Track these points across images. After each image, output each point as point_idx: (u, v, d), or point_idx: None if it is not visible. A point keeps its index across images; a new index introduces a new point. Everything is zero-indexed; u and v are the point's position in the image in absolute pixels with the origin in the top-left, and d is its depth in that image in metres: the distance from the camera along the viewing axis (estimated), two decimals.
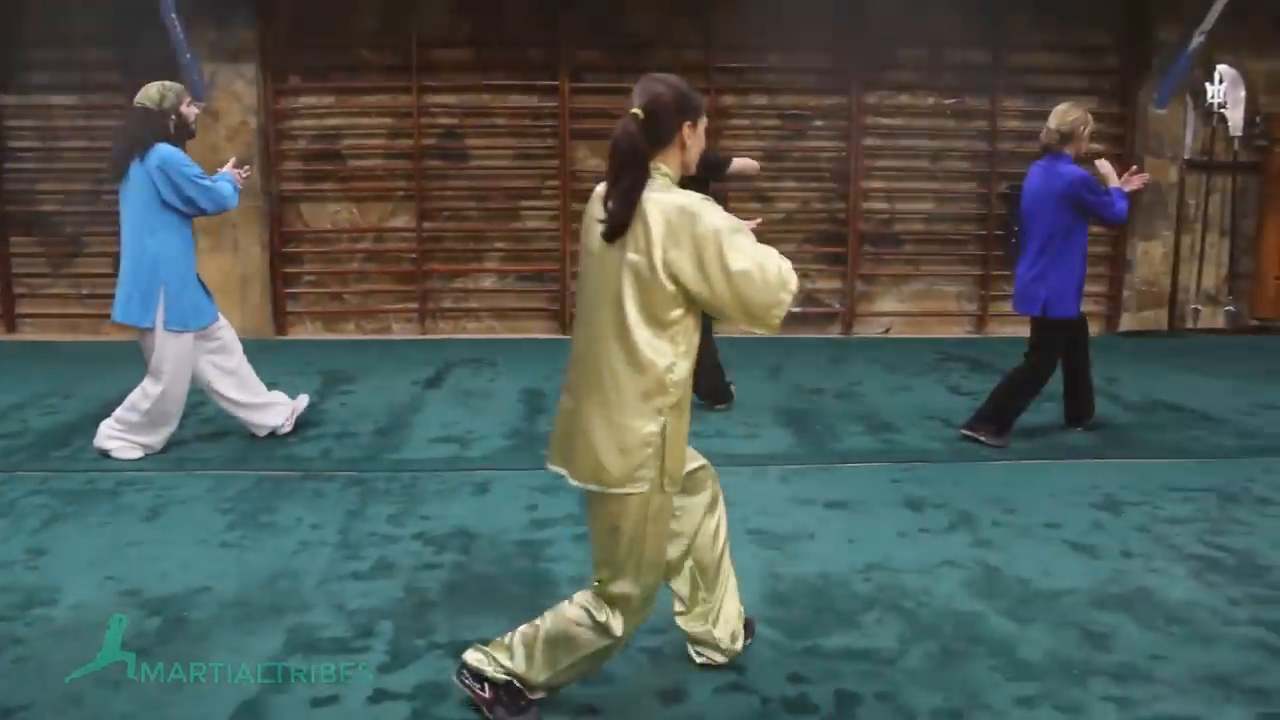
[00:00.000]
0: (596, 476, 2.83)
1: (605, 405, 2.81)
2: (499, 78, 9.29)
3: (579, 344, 2.92)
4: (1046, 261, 5.84)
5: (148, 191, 5.34)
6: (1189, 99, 9.71)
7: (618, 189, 2.77)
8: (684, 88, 2.89)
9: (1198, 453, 6.00)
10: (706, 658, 3.38)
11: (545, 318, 9.55)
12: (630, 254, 2.76)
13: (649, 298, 2.77)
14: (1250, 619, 3.86)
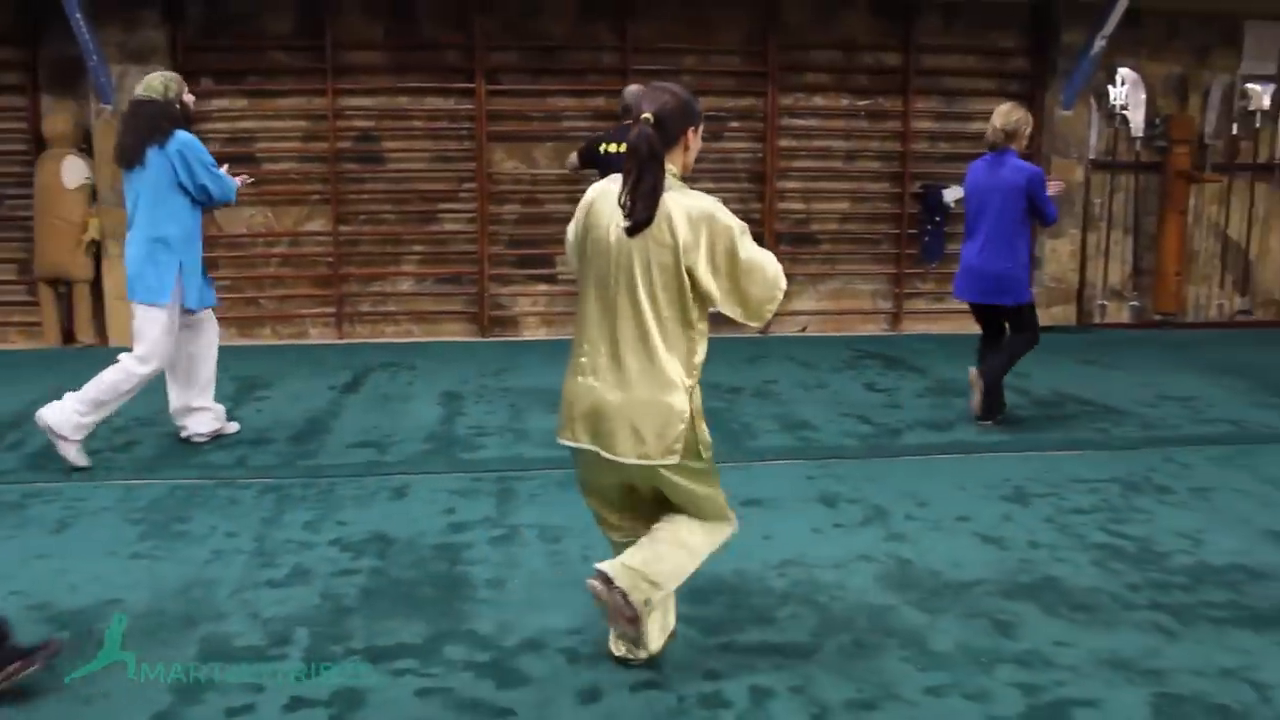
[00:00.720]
0: (639, 452, 3.11)
1: (637, 387, 3.11)
2: (415, 80, 9.24)
3: (598, 331, 3.16)
4: (1008, 252, 6.20)
5: (167, 175, 5.47)
6: (1093, 101, 9.97)
7: (640, 189, 3.04)
8: (687, 95, 3.19)
9: (1103, 444, 6.17)
10: (628, 650, 3.40)
11: (464, 320, 9.51)
12: (656, 246, 3.07)
13: (674, 287, 3.09)
14: (1149, 603, 3.99)
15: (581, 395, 3.19)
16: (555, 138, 9.38)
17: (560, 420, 3.28)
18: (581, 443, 3.21)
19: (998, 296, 6.28)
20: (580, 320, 3.26)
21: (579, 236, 3.27)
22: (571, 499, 5.01)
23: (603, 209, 3.18)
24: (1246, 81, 10.23)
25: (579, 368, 3.21)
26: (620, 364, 3.13)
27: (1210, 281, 10.65)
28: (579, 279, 3.30)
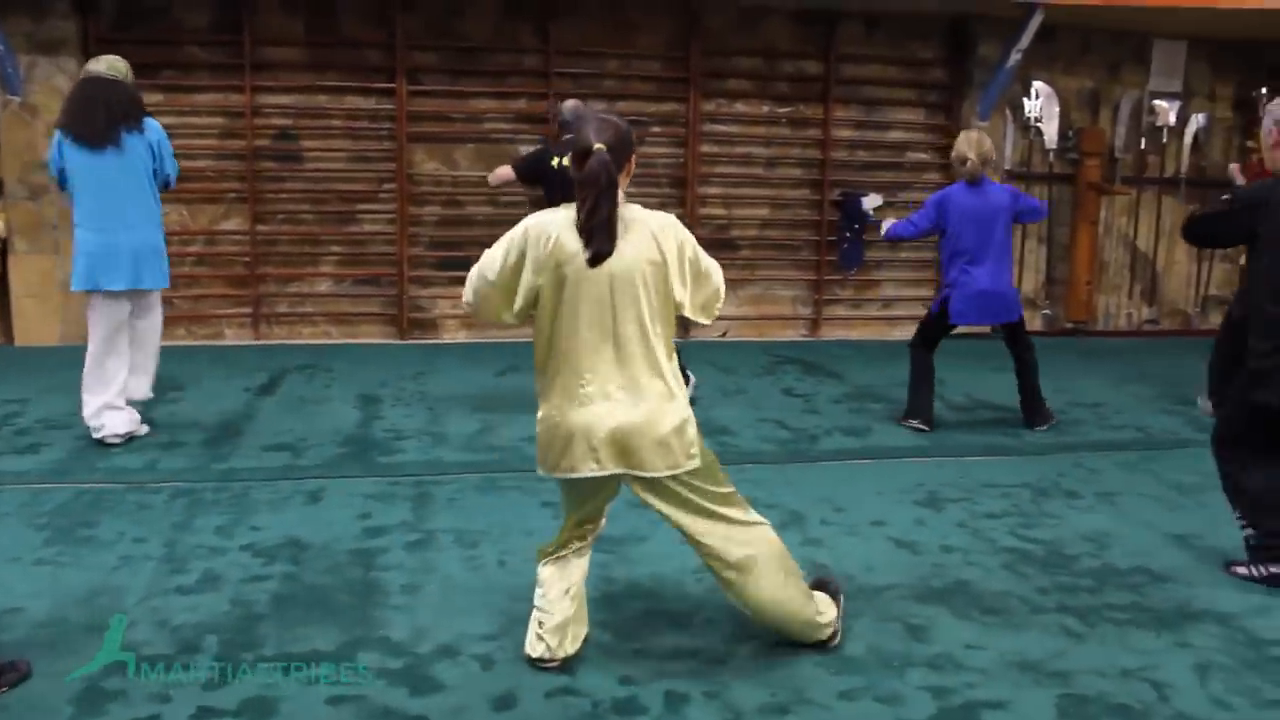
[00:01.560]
0: (669, 463, 3.23)
1: (651, 401, 3.22)
2: (335, 79, 9.14)
3: (597, 356, 3.21)
4: (1009, 273, 6.59)
5: (146, 160, 5.52)
6: (1008, 113, 10.17)
7: (596, 218, 3.12)
8: (626, 124, 3.31)
9: (1015, 450, 6.30)
10: (546, 647, 3.40)
11: (382, 322, 9.42)
12: (649, 266, 3.20)
13: (665, 302, 3.26)
14: (1056, 606, 4.08)
15: (598, 423, 3.20)
16: (477, 140, 9.33)
17: (570, 454, 3.24)
18: (608, 469, 3.23)
19: (1007, 315, 6.60)
20: (568, 351, 3.24)
21: (548, 269, 3.20)
22: (490, 503, 5.04)
23: (569, 240, 3.18)
24: (1154, 98, 10.51)
25: (584, 398, 3.22)
26: (634, 383, 3.22)
27: (1120, 291, 10.92)
28: (551, 310, 3.24)
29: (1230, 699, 3.42)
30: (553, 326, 3.25)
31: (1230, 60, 10.74)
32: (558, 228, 3.21)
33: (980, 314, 6.55)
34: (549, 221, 3.24)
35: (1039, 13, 8.81)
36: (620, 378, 3.22)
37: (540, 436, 3.32)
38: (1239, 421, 4.43)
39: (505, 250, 3.26)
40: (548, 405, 3.30)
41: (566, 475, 3.28)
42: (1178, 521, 5.12)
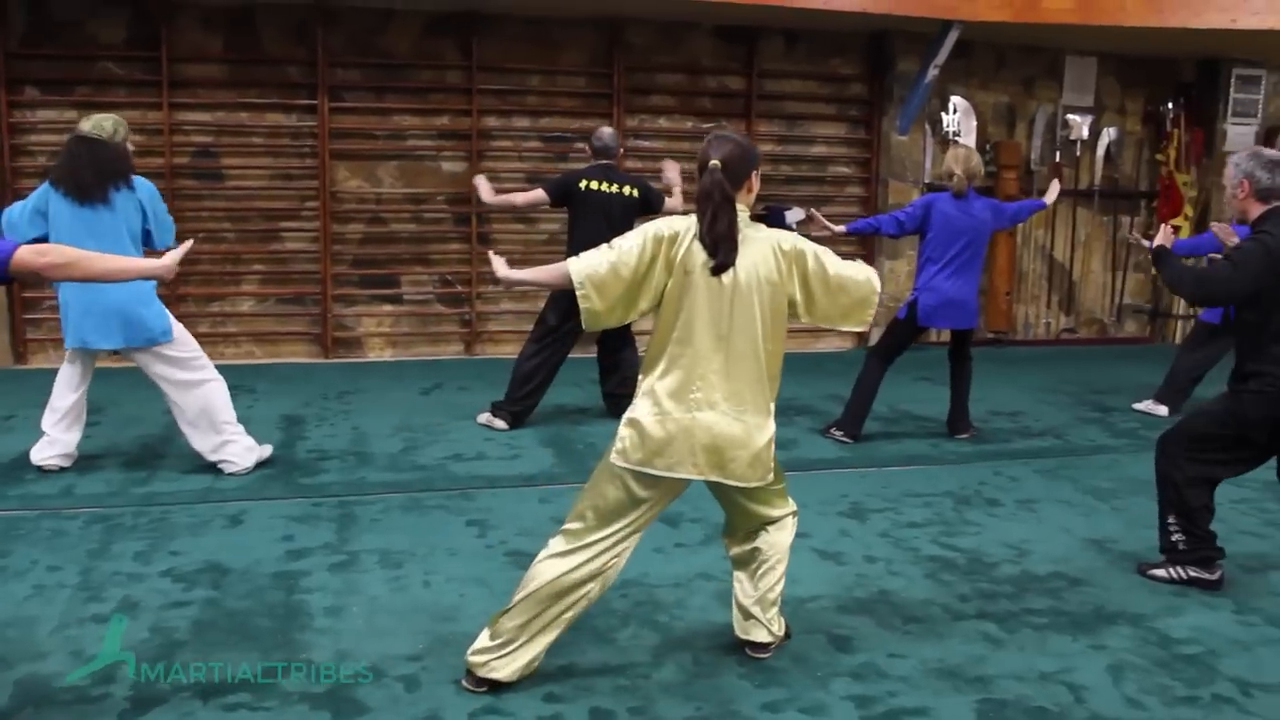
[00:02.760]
0: (763, 476, 3.42)
1: (751, 416, 3.37)
2: (256, 95, 9.03)
3: (708, 365, 3.32)
4: (974, 285, 6.76)
5: (136, 218, 5.48)
6: (927, 127, 10.34)
7: (717, 230, 3.26)
8: (748, 142, 3.47)
9: (937, 459, 6.40)
10: (489, 669, 3.39)
11: (307, 341, 9.31)
12: (766, 284, 3.32)
13: (779, 321, 3.40)
14: (977, 613, 4.16)
15: (702, 428, 3.31)
16: (400, 156, 9.28)
17: (669, 453, 3.31)
18: (705, 475, 3.35)
19: (970, 321, 6.81)
20: (682, 355, 3.34)
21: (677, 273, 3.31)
22: (414, 524, 5.01)
23: (694, 252, 3.30)
24: (1068, 112, 10.75)
25: (693, 403, 3.33)
26: (738, 395, 3.34)
27: (1038, 301, 11.13)
28: (673, 313, 3.34)
29: (1142, 698, 3.51)
30: (672, 329, 3.35)
31: (1139, 75, 11.02)
32: (690, 233, 3.34)
33: (946, 319, 6.69)
34: (680, 227, 3.35)
35: (955, 29, 8.96)
36: (728, 388, 3.34)
37: (639, 429, 3.33)
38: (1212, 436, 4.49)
39: (640, 247, 3.33)
40: (654, 402, 3.35)
41: (663, 473, 3.33)
42: (1094, 527, 5.24)
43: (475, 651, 3.41)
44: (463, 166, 9.34)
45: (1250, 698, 3.54)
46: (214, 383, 5.66)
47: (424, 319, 9.61)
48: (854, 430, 6.68)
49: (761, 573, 3.66)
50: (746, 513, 3.62)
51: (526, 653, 3.39)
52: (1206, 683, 3.64)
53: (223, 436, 5.68)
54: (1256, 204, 4.39)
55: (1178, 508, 4.48)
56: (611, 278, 3.31)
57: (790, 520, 3.73)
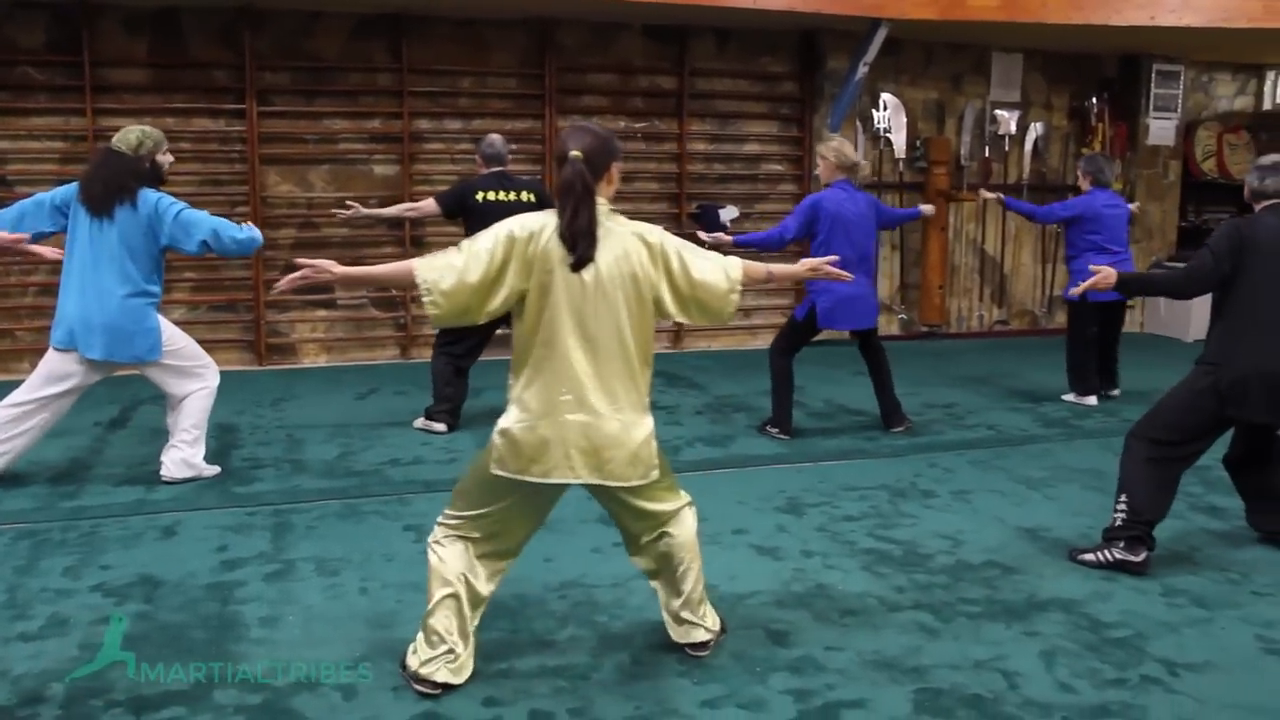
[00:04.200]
0: (644, 474, 3.36)
1: (627, 412, 3.30)
2: (182, 100, 8.89)
3: (579, 366, 3.24)
4: (871, 279, 6.76)
5: (140, 233, 5.39)
6: (859, 124, 10.43)
7: (578, 225, 3.18)
8: (607, 133, 3.39)
9: (872, 453, 6.46)
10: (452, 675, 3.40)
11: (239, 349, 9.20)
12: (628, 278, 3.26)
13: (645, 315, 3.32)
14: (913, 604, 4.21)
15: (575, 431, 3.25)
16: (331, 160, 9.20)
17: (544, 459, 3.25)
18: (582, 478, 3.29)
19: (870, 319, 6.82)
20: (548, 357, 3.25)
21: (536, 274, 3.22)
22: (350, 531, 4.97)
23: (555, 245, 3.21)
24: (995, 108, 10.92)
25: (563, 405, 3.24)
26: (611, 393, 3.27)
27: (970, 294, 11.28)
28: (535, 316, 3.25)
29: (1073, 682, 3.58)
30: (535, 333, 3.27)
31: (1063, 72, 11.22)
32: (546, 231, 3.24)
33: (846, 319, 6.69)
34: (535, 225, 3.25)
35: (883, 27, 9.05)
36: (598, 387, 3.27)
37: (510, 438, 3.28)
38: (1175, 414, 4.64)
39: (490, 249, 3.22)
40: (522, 409, 3.29)
41: (539, 479, 3.28)
42: (1027, 515, 5.32)
43: (415, 659, 3.42)
44: (395, 170, 9.28)
45: (1177, 677, 3.62)
46: (200, 392, 5.67)
47: (359, 324, 9.53)
48: (786, 425, 6.72)
49: (679, 576, 3.62)
50: (638, 514, 3.51)
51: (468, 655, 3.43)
52: (1135, 664, 3.71)
53: (173, 439, 5.67)
54: (1254, 204, 4.76)
55: (1128, 485, 4.62)
56: (458, 283, 3.21)
57: (688, 512, 3.64)
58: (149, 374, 5.63)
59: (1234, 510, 5.36)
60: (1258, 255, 4.55)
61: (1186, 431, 4.60)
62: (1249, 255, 4.55)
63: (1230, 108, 12.30)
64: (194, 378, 5.66)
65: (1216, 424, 4.61)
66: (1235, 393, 4.50)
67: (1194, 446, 4.64)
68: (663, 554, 3.60)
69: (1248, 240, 4.58)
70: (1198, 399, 4.58)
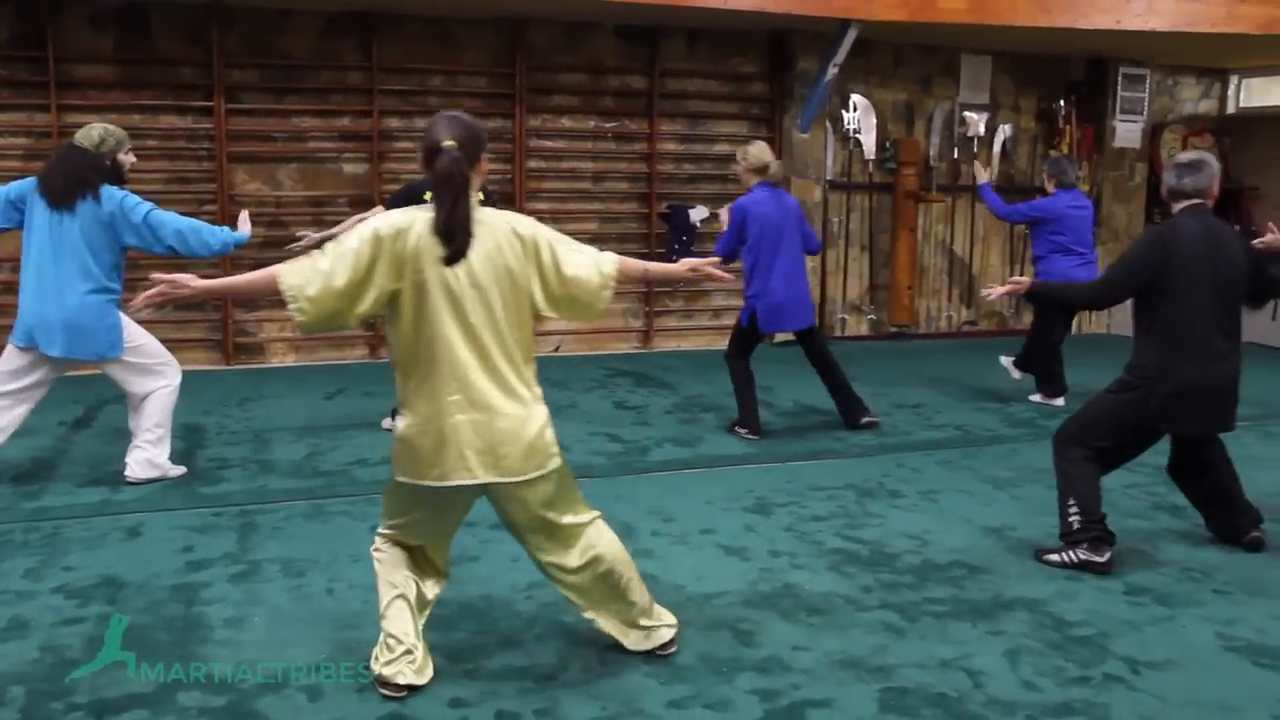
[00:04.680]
0: (539, 465, 3.28)
1: (518, 405, 3.24)
2: (149, 97, 8.83)
3: (462, 366, 3.17)
4: (803, 279, 6.71)
5: (101, 228, 5.35)
6: (828, 125, 10.48)
7: (456, 217, 3.11)
8: (475, 121, 3.30)
9: (840, 453, 6.48)
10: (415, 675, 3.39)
11: (207, 349, 9.14)
12: (503, 269, 3.19)
13: (523, 306, 3.26)
14: (879, 604, 4.22)
15: (467, 431, 3.18)
16: (300, 159, 9.15)
17: (440, 462, 3.21)
18: (479, 478, 3.22)
19: (807, 320, 6.79)
20: (431, 358, 3.19)
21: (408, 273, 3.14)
22: (317, 531, 4.94)
23: (428, 242, 3.13)
24: (964, 109, 10.99)
25: (449, 408, 3.18)
26: (499, 388, 3.21)
27: (939, 295, 11.35)
28: (413, 317, 3.18)
29: (1037, 680, 3.60)
30: (415, 333, 3.20)
31: (1031, 74, 11.30)
32: (415, 228, 3.15)
33: (785, 321, 6.69)
34: (404, 222, 3.16)
35: (853, 28, 9.10)
36: (486, 382, 3.20)
37: (404, 444, 3.26)
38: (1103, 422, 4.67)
39: (357, 251, 3.12)
40: (413, 414, 3.25)
41: (437, 484, 3.24)
42: (993, 515, 5.35)
43: (377, 664, 3.40)
44: (364, 168, 9.25)
45: (1139, 675, 3.65)
46: (162, 391, 5.62)
47: None
48: (754, 425, 6.72)
49: (624, 590, 3.57)
50: (543, 523, 3.40)
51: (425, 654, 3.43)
52: (1098, 663, 3.74)
53: (137, 439, 5.61)
54: (1172, 204, 4.72)
55: (1073, 492, 4.65)
56: (324, 287, 3.12)
57: (602, 524, 3.56)
58: (110, 371, 5.58)
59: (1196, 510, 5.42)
60: (1182, 264, 4.50)
61: (1120, 438, 4.65)
62: (1172, 265, 4.50)
63: (1195, 111, 12.43)
64: (155, 375, 5.61)
65: (1150, 435, 4.66)
66: (1168, 408, 4.52)
67: (1129, 452, 4.72)
68: (600, 575, 3.50)
69: (1169, 248, 4.53)
70: (1127, 410, 4.60)
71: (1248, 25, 9.46)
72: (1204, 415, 4.60)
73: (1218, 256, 4.55)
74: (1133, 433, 4.64)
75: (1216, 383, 4.58)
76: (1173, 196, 4.70)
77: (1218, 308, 4.56)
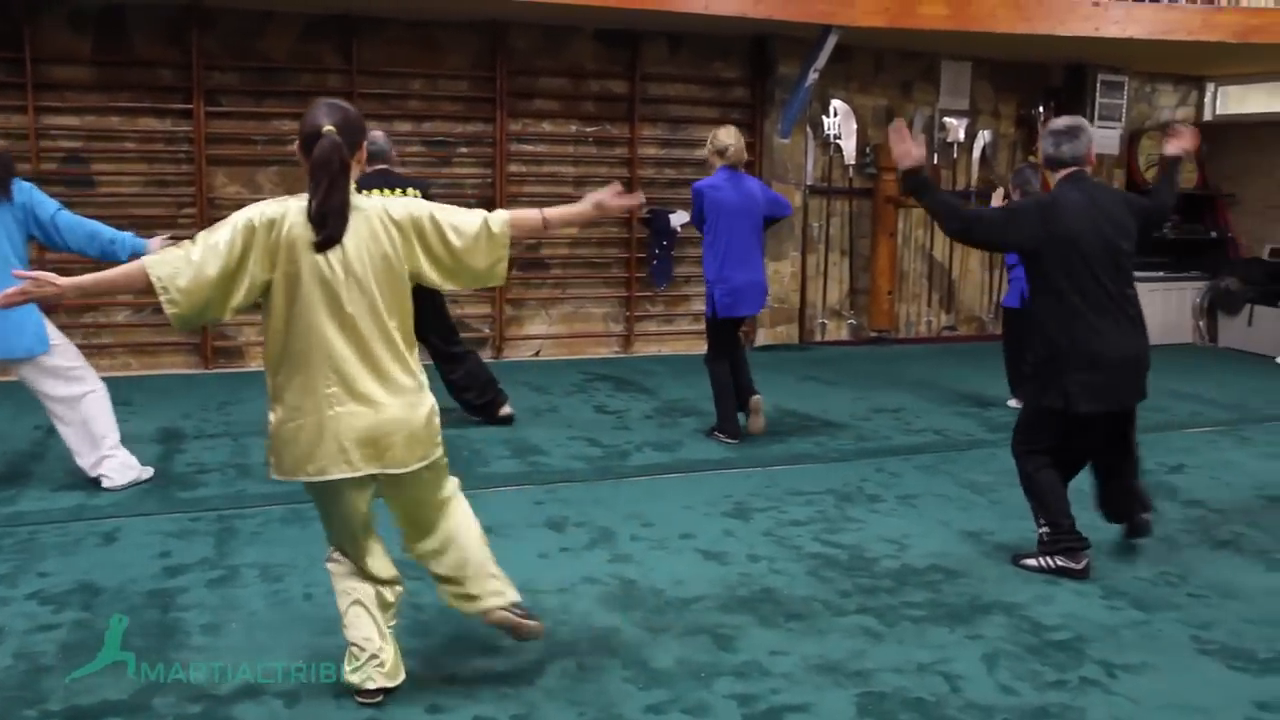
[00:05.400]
0: (424, 455, 3.26)
1: (402, 395, 3.20)
2: (127, 99, 8.77)
3: (339, 357, 3.13)
4: (761, 263, 6.69)
5: (14, 228, 5.30)
6: (809, 130, 10.50)
7: (331, 202, 3.06)
8: (355, 110, 3.29)
9: (820, 457, 6.50)
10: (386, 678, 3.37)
11: (186, 352, 9.08)
12: (379, 256, 3.14)
13: (401, 291, 3.21)
14: (857, 608, 4.24)
15: (346, 423, 3.14)
16: (279, 161, 9.11)
17: (316, 456, 3.15)
18: (361, 470, 3.17)
19: (762, 304, 6.82)
20: (306, 349, 3.13)
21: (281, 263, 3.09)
22: (295, 536, 4.93)
23: (301, 230, 3.09)
24: (944, 115, 11.03)
25: (330, 397, 3.13)
26: (380, 377, 3.17)
27: (919, 300, 11.38)
28: (285, 307, 3.13)
29: (1015, 684, 3.62)
30: (288, 324, 3.14)
31: (1011, 80, 11.35)
32: (288, 217, 3.11)
33: (745, 305, 6.63)
34: (276, 211, 3.12)
35: (833, 34, 9.12)
36: (365, 373, 3.16)
37: (277, 439, 3.21)
38: (1033, 424, 4.70)
39: (229, 241, 3.06)
40: (285, 407, 3.19)
41: (314, 479, 3.19)
42: (971, 519, 5.38)
43: (348, 672, 3.39)
44: None
45: (1115, 679, 3.67)
46: (94, 394, 5.53)
47: None
48: (732, 429, 6.72)
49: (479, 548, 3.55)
50: (420, 503, 3.42)
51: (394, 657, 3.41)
52: (1075, 667, 3.76)
53: (101, 451, 5.55)
54: (1051, 174, 4.65)
55: (1034, 500, 4.69)
56: (196, 277, 3.04)
57: (460, 497, 3.56)
58: (31, 376, 5.42)
59: (1173, 515, 5.47)
60: (1071, 239, 4.39)
61: (1056, 434, 4.64)
62: (1059, 238, 4.40)
63: (1172, 117, 12.48)
64: (77, 381, 5.50)
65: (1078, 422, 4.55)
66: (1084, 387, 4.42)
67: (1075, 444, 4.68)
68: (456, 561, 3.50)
69: (1051, 220, 4.41)
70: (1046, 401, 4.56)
71: (1224, 33, 9.53)
72: (1119, 389, 4.49)
73: (1104, 224, 4.45)
74: (1062, 424, 4.56)
75: (1127, 352, 4.47)
76: (1051, 165, 4.60)
77: (1117, 277, 4.46)
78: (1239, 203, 12.07)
